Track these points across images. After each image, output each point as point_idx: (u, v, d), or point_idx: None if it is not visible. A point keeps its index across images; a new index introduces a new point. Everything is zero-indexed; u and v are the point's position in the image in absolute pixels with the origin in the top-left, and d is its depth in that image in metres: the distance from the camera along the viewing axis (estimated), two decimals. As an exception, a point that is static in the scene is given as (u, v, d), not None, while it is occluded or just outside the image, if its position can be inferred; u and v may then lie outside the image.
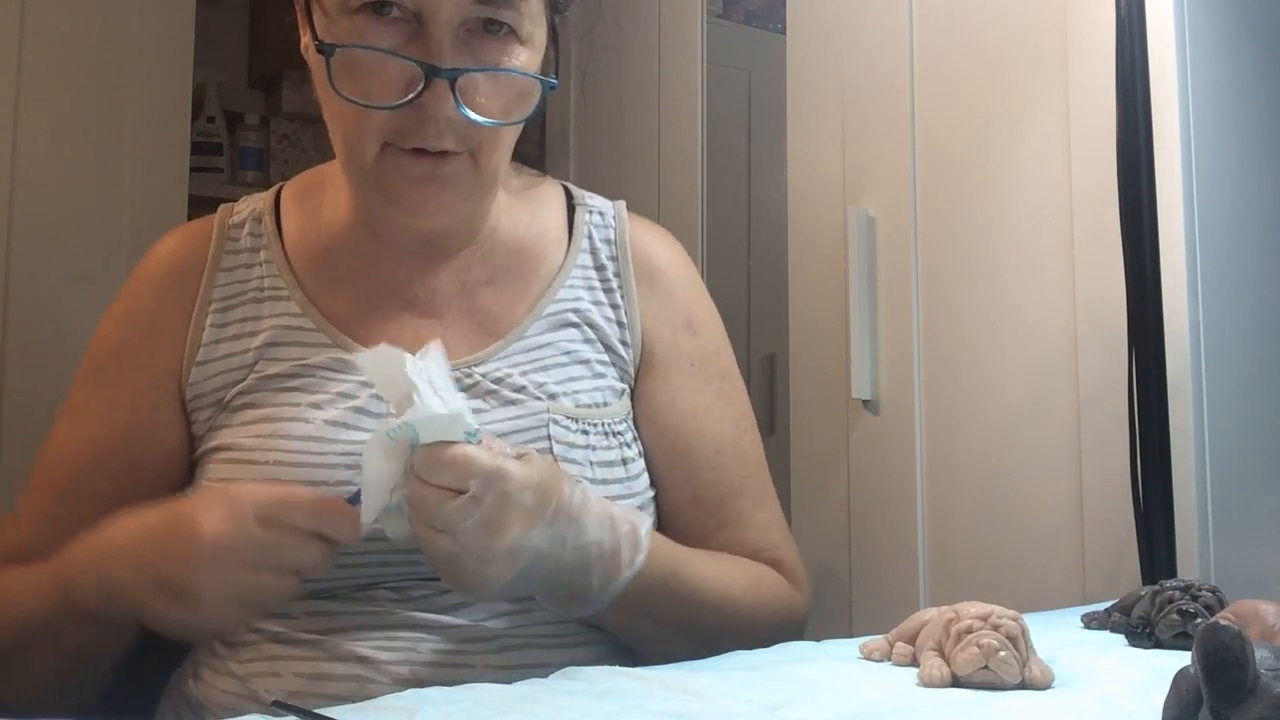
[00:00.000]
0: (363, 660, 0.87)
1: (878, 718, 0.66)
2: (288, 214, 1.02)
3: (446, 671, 0.87)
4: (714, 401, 1.03)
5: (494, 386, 0.94)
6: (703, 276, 1.96)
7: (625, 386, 1.00)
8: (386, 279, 0.98)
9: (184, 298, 0.98)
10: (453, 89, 0.84)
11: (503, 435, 0.89)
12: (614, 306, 1.02)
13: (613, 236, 1.05)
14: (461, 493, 0.76)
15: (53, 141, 1.89)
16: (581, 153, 2.27)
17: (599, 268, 1.03)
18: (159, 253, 1.02)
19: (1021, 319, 1.32)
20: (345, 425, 0.91)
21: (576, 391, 0.96)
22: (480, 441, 0.78)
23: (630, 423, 0.99)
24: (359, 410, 0.92)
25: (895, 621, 0.84)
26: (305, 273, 0.99)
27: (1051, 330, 1.28)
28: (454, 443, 0.77)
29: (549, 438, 0.93)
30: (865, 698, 0.71)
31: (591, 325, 1.00)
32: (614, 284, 1.03)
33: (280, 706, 0.68)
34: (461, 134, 0.88)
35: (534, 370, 0.96)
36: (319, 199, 1.02)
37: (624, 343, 1.01)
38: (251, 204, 1.04)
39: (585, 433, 0.95)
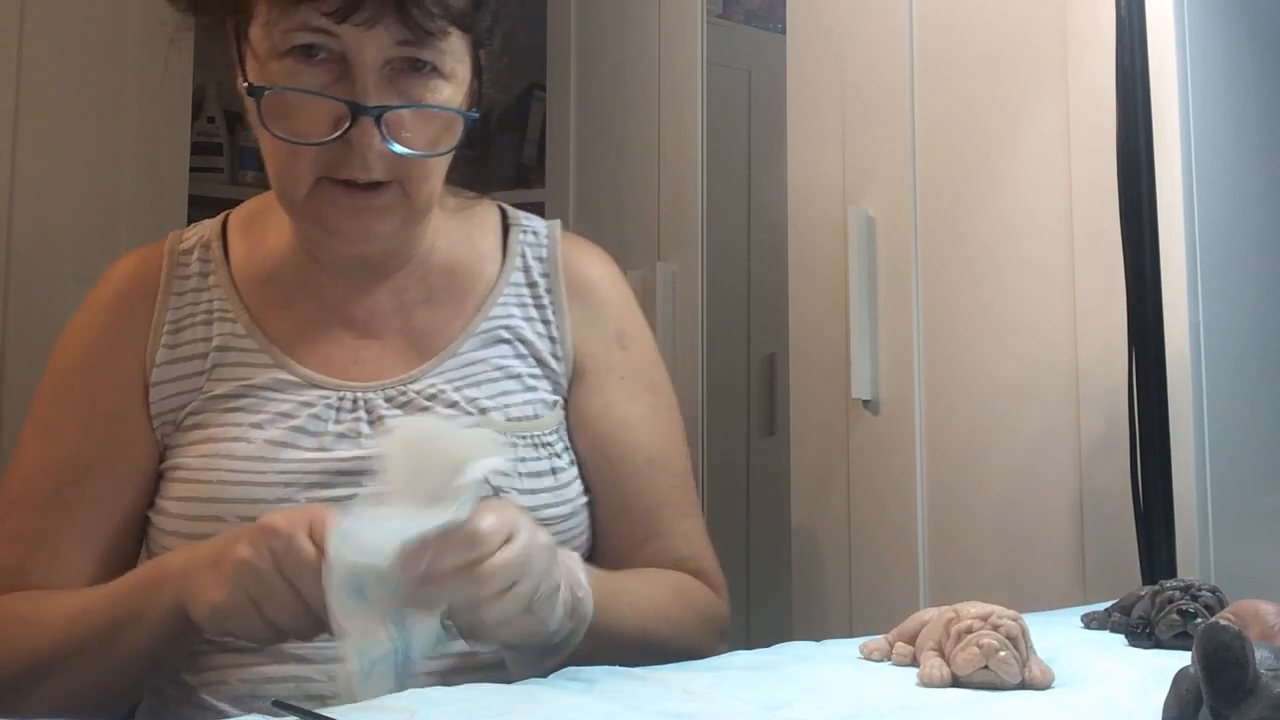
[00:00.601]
0: (300, 660, 0.90)
1: (878, 718, 0.66)
2: (235, 240, 1.06)
3: None
4: (645, 414, 1.07)
5: (427, 404, 0.98)
6: (703, 277, 1.98)
7: (558, 398, 1.04)
8: (327, 300, 1.02)
9: (139, 319, 1.02)
10: (378, 125, 0.89)
11: None
12: (545, 322, 1.06)
13: (545, 254, 1.09)
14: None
15: (53, 141, 1.89)
16: (582, 153, 2.27)
17: (531, 284, 1.07)
18: (113, 277, 1.05)
19: (1021, 319, 1.32)
20: (285, 445, 0.95)
21: (507, 405, 1.00)
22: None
23: (561, 433, 1.03)
24: (298, 430, 0.96)
25: (895, 621, 0.84)
26: (251, 295, 1.02)
27: (1051, 330, 1.28)
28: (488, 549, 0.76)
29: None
30: (865, 698, 0.71)
31: (523, 340, 1.04)
32: (545, 300, 1.07)
33: (280, 706, 0.68)
34: (390, 165, 0.92)
35: (466, 386, 1.00)
36: (265, 224, 1.06)
37: (555, 356, 1.05)
38: (199, 231, 1.07)
39: (514, 445, 0.98)
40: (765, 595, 1.75)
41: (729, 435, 2.09)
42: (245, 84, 0.92)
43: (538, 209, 2.33)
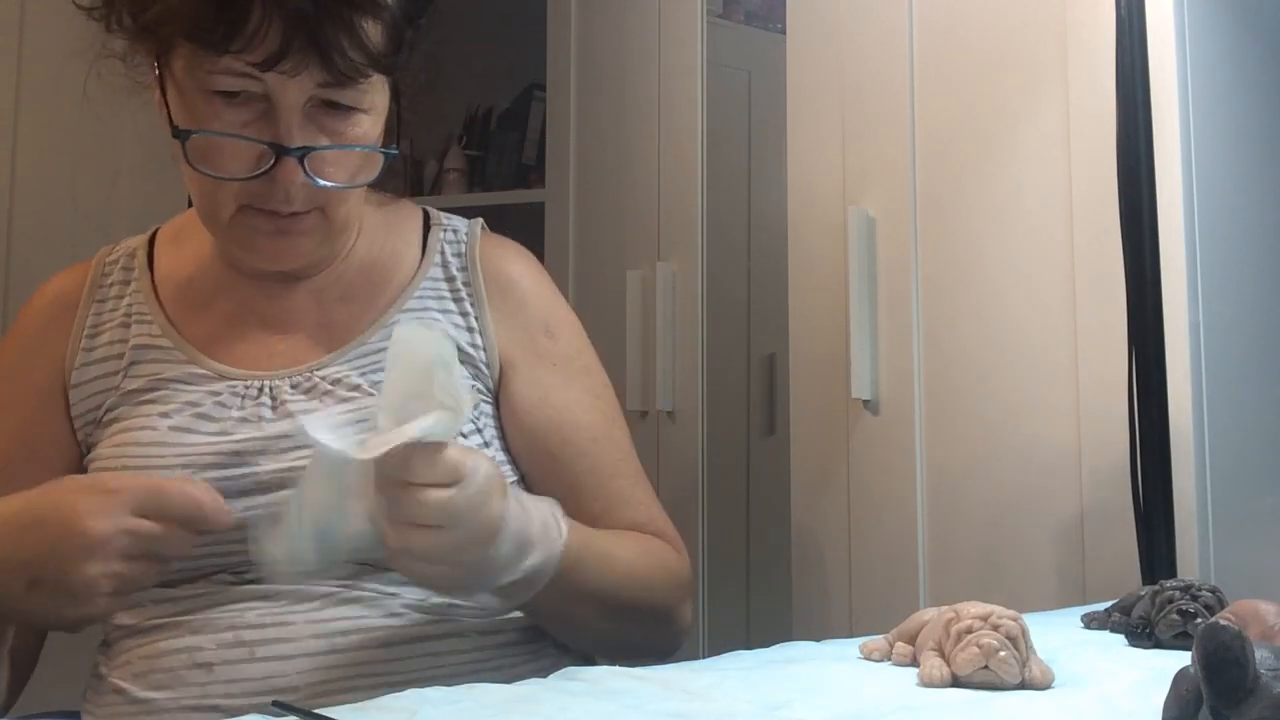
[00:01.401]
0: (194, 632, 0.94)
1: (878, 718, 0.66)
2: (162, 250, 1.11)
3: (268, 631, 0.93)
4: (582, 396, 1.10)
5: (330, 387, 1.01)
6: (703, 277, 1.98)
7: (476, 384, 1.07)
8: (245, 302, 1.06)
9: (61, 328, 1.07)
10: (301, 163, 0.93)
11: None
12: (464, 314, 1.08)
13: (464, 251, 1.12)
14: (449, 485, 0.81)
15: (53, 141, 1.89)
16: (581, 153, 2.27)
17: (449, 279, 1.10)
18: (43, 290, 1.11)
19: (1021, 319, 1.32)
20: (187, 430, 0.98)
21: None
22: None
23: (479, 419, 1.05)
24: (202, 416, 0.99)
25: (895, 621, 0.84)
26: (170, 299, 1.07)
27: (1051, 330, 1.28)
28: (437, 443, 0.80)
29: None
30: (865, 698, 0.71)
31: None
32: (464, 293, 1.09)
33: (280, 706, 0.68)
34: (310, 195, 0.96)
35: (371, 371, 1.02)
36: (191, 234, 1.10)
37: (474, 345, 1.07)
38: (128, 244, 1.13)
39: None
40: (765, 595, 1.75)
41: (729, 435, 2.09)
42: (171, 126, 0.96)
43: (538, 209, 2.35)
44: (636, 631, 1.04)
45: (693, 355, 1.96)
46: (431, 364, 0.80)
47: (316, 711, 0.64)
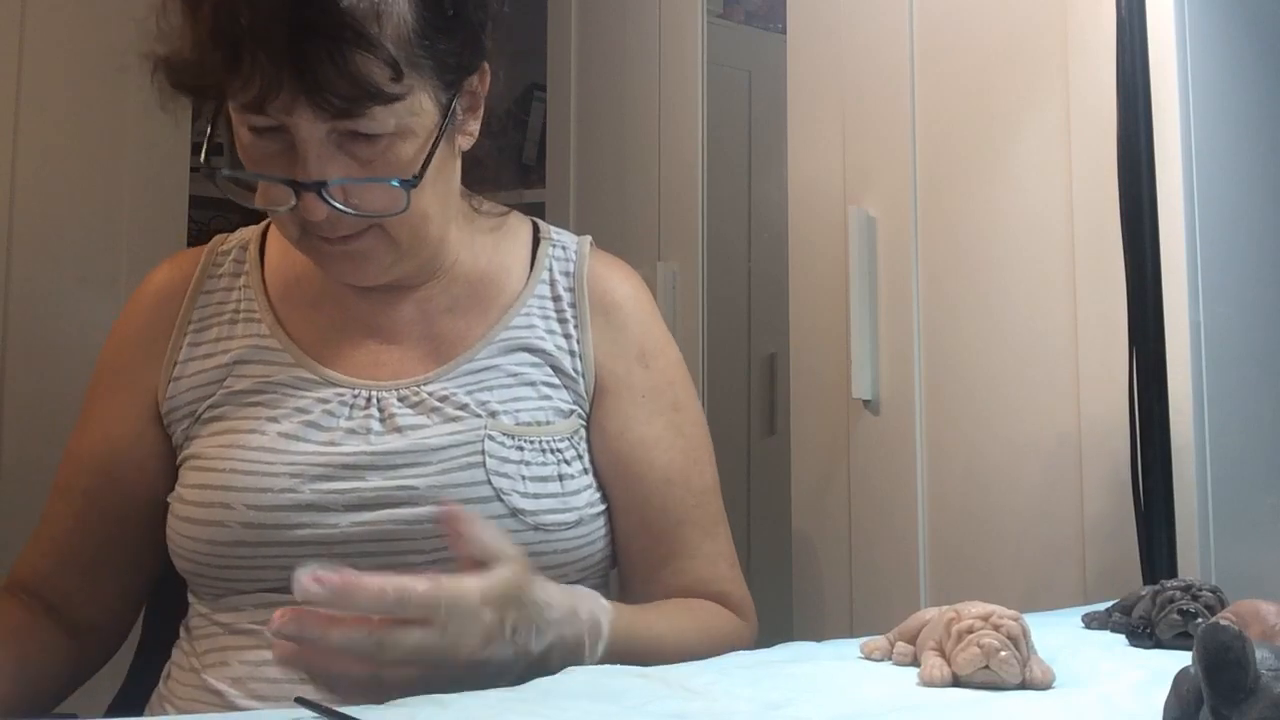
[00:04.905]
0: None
1: (878, 717, 0.66)
2: (273, 244, 1.10)
3: None
4: (664, 432, 1.07)
5: (438, 404, 1.00)
6: (703, 277, 1.98)
7: (575, 409, 1.05)
8: (351, 309, 1.05)
9: (167, 318, 1.06)
10: (321, 195, 0.91)
11: (440, 448, 0.97)
12: (567, 336, 1.07)
13: (572, 269, 1.11)
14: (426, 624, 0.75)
15: (53, 143, 1.89)
16: (582, 153, 2.27)
17: (556, 298, 1.09)
18: (152, 278, 1.10)
19: (1022, 318, 1.32)
20: (297, 438, 0.98)
21: (518, 410, 1.02)
22: None
23: (574, 442, 1.04)
24: (310, 424, 0.99)
25: (895, 621, 0.84)
26: (279, 298, 1.06)
27: (1051, 330, 1.28)
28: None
29: (483, 452, 0.98)
30: (866, 697, 0.71)
31: (542, 351, 1.06)
32: (569, 314, 1.08)
33: (302, 703, 0.67)
34: (352, 221, 0.94)
35: (478, 390, 1.02)
36: None
37: (576, 369, 1.06)
38: (242, 235, 1.12)
39: (520, 449, 0.99)
40: (765, 595, 1.75)
41: (729, 435, 2.09)
42: (204, 161, 0.98)
43: (538, 209, 2.35)
44: None
45: (693, 355, 1.96)
46: None
47: (339, 710, 0.64)
